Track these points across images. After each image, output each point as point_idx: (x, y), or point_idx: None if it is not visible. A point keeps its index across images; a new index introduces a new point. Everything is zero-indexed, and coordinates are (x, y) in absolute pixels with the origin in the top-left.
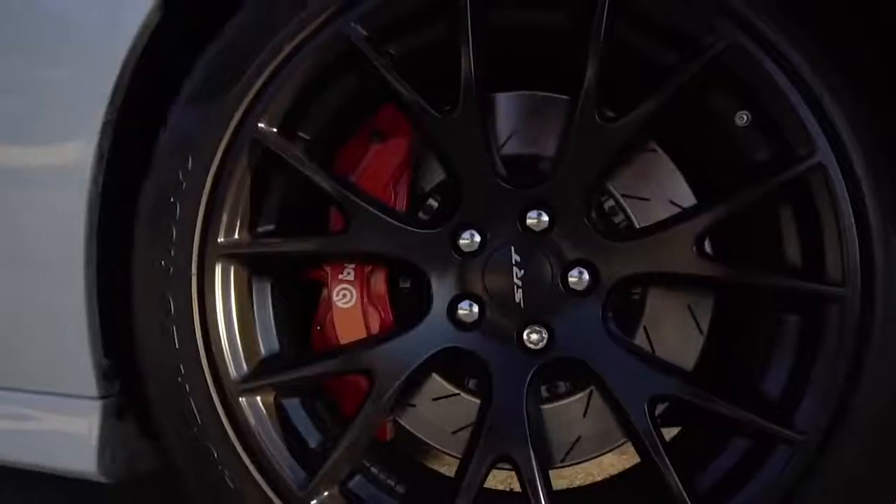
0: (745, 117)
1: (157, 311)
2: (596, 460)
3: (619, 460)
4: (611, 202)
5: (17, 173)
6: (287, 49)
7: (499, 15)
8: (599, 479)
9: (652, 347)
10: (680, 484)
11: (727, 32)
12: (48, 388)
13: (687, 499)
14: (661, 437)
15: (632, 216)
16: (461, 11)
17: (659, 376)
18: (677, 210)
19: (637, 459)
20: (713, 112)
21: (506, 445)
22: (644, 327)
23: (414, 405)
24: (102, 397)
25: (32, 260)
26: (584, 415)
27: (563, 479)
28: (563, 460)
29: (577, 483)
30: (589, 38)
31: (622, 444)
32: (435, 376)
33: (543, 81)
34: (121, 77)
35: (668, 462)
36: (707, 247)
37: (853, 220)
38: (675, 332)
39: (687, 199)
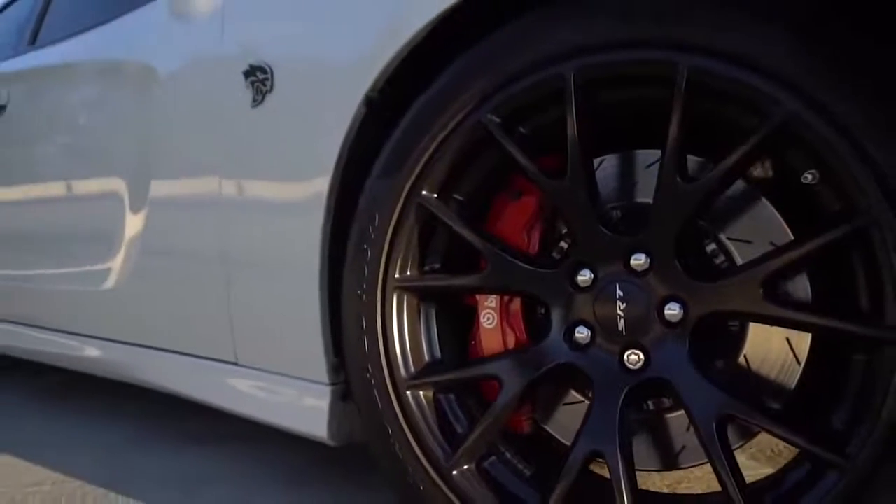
0: (811, 176)
1: (355, 325)
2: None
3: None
4: (713, 245)
5: (280, 212)
6: (441, 136)
7: (603, 94)
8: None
9: (752, 375)
10: (741, 498)
11: (790, 103)
12: (298, 374)
13: None
14: (728, 453)
15: (735, 257)
16: (565, 97)
17: (728, 399)
18: None
19: None
20: (789, 169)
21: (599, 444)
22: (745, 356)
23: (551, 408)
24: (332, 384)
25: (289, 281)
26: (688, 428)
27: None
28: (669, 466)
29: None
30: (670, 111)
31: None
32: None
33: (648, 142)
34: (340, 156)
35: (732, 476)
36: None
37: None
38: (775, 362)
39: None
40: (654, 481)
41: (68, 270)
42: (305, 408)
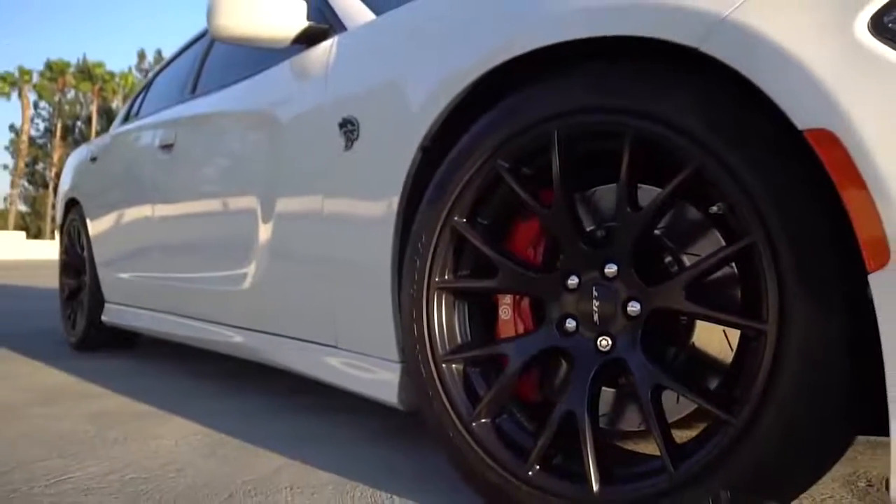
0: (717, 207)
1: (409, 315)
2: None
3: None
4: (669, 258)
5: (363, 227)
6: (467, 176)
7: (580, 146)
8: None
9: (698, 359)
10: (664, 445)
11: (699, 154)
12: (377, 354)
13: (666, 454)
14: (658, 413)
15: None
16: (551, 148)
17: (660, 374)
18: None
19: None
20: (708, 203)
21: (572, 405)
22: (693, 343)
23: (557, 382)
24: (401, 362)
25: (371, 281)
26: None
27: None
28: (639, 425)
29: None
30: (621, 158)
31: (678, 417)
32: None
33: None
34: (404, 189)
35: (659, 428)
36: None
37: (776, 280)
38: (714, 349)
39: None
40: None
41: (218, 274)
42: (382, 381)
